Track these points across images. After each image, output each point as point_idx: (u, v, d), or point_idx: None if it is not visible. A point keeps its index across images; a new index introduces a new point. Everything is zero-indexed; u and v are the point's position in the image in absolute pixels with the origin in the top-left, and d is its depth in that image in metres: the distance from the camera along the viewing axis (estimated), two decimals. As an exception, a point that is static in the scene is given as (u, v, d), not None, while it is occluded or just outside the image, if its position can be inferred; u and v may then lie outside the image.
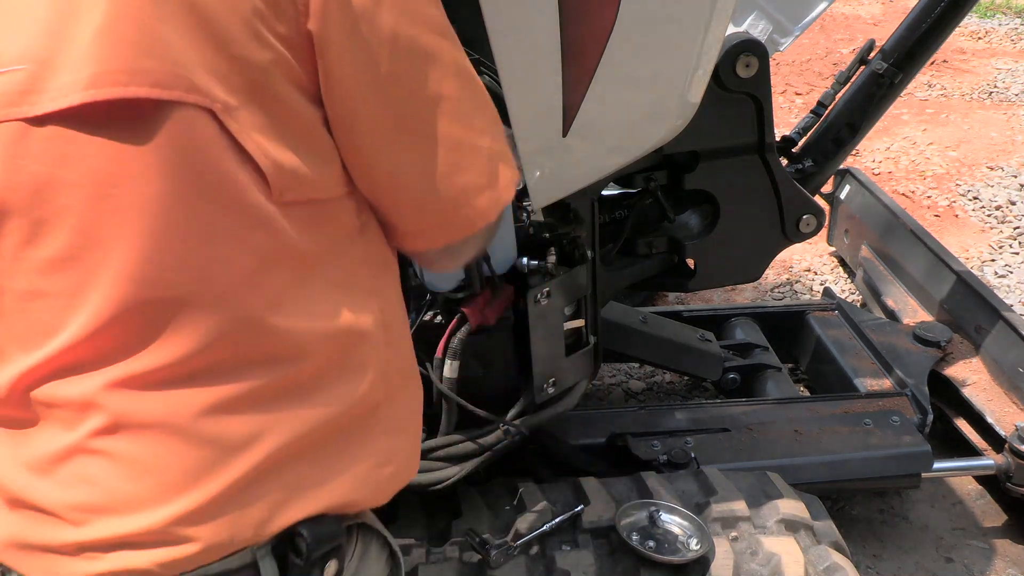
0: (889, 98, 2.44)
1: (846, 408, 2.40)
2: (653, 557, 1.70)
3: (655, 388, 3.04)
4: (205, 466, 0.85)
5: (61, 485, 0.85)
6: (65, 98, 0.76)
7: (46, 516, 0.86)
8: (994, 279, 3.67)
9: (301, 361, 0.89)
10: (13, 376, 0.85)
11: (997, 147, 4.96)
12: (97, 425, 0.83)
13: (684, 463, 2.12)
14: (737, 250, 2.14)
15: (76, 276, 0.81)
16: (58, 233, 0.80)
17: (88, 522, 0.85)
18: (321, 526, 0.93)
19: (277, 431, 0.88)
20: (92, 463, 0.84)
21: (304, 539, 0.91)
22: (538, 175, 1.44)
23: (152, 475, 0.84)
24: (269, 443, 0.88)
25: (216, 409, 0.85)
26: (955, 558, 2.43)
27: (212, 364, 0.85)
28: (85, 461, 0.84)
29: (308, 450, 0.91)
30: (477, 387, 1.77)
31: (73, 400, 0.84)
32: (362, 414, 0.95)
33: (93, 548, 0.85)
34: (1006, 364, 2.55)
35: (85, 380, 0.83)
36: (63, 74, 0.77)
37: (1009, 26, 7.09)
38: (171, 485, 0.85)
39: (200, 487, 0.85)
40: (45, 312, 0.83)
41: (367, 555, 1.04)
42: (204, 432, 0.85)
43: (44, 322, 0.83)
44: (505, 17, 1.27)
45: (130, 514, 0.84)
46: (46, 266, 0.81)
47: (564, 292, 1.77)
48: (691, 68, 1.49)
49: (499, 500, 1.88)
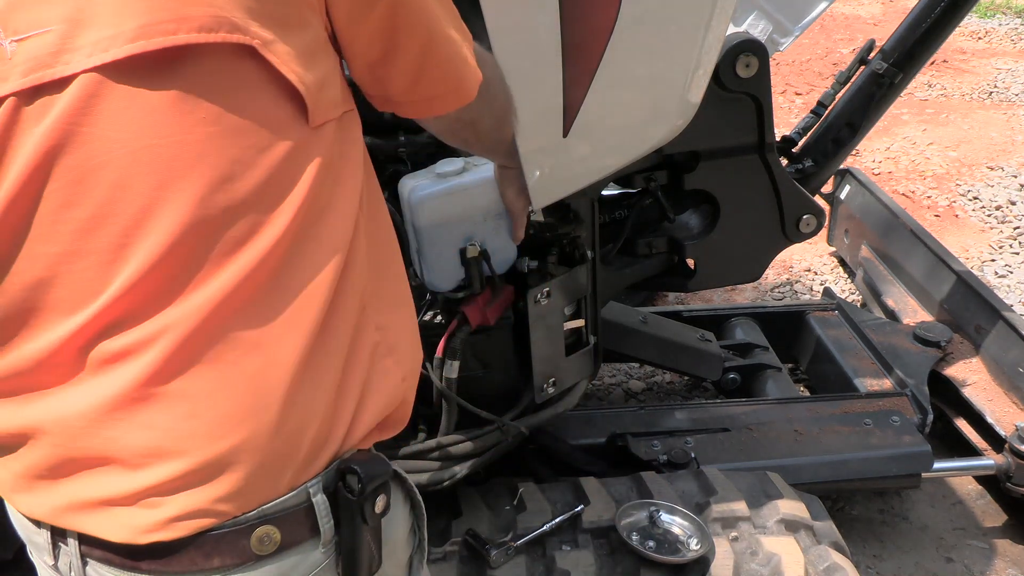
0: (889, 98, 2.44)
1: (846, 408, 2.41)
2: (653, 557, 1.70)
3: (655, 388, 3.04)
4: (258, 396, 0.88)
5: (123, 431, 0.86)
6: (105, 53, 0.77)
7: (107, 466, 0.88)
8: (994, 279, 3.67)
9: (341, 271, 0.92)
10: (62, 337, 0.86)
11: (997, 147, 4.96)
12: (152, 369, 0.85)
13: (684, 463, 2.12)
14: (737, 250, 2.14)
15: (116, 231, 0.82)
16: (97, 190, 0.81)
17: (149, 465, 0.86)
18: (371, 463, 0.97)
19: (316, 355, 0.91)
20: (150, 407, 0.86)
21: (357, 474, 0.94)
22: (538, 175, 1.44)
23: (207, 411, 0.87)
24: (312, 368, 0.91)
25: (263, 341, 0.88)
26: (955, 558, 2.43)
27: (254, 294, 0.87)
28: (144, 406, 0.86)
29: (341, 368, 0.94)
30: (477, 387, 1.77)
31: (126, 349, 0.85)
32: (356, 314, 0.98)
33: (155, 493, 0.87)
34: (1006, 364, 2.55)
35: (136, 330, 0.85)
36: (97, 30, 0.77)
37: (1009, 26, 7.09)
38: (224, 418, 0.87)
39: (255, 417, 0.88)
40: (88, 270, 0.84)
41: (395, 502, 1.07)
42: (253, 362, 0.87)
43: (88, 280, 0.84)
44: (505, 17, 1.27)
45: (187, 453, 0.86)
46: (85, 225, 0.82)
47: (564, 292, 1.77)
48: (691, 68, 1.49)
49: (499, 500, 1.88)
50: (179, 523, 0.88)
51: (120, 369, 0.85)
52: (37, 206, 0.82)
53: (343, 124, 0.94)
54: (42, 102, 0.79)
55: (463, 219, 1.61)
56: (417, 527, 1.14)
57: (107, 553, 0.91)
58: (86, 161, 0.80)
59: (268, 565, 0.93)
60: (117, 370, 0.86)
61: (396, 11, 0.92)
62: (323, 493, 0.95)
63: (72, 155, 0.80)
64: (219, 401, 0.87)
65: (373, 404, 0.99)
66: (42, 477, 0.91)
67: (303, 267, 0.90)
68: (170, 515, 0.88)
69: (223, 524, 0.90)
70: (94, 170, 0.80)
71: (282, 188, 0.87)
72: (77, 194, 0.81)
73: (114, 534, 0.89)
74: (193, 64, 0.80)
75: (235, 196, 0.84)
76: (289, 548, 0.94)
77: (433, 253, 1.63)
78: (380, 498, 0.98)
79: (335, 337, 0.94)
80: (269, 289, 0.88)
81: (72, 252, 0.83)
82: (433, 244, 1.62)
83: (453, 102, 1.04)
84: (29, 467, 0.92)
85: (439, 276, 1.66)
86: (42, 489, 0.92)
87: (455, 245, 1.63)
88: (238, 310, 0.87)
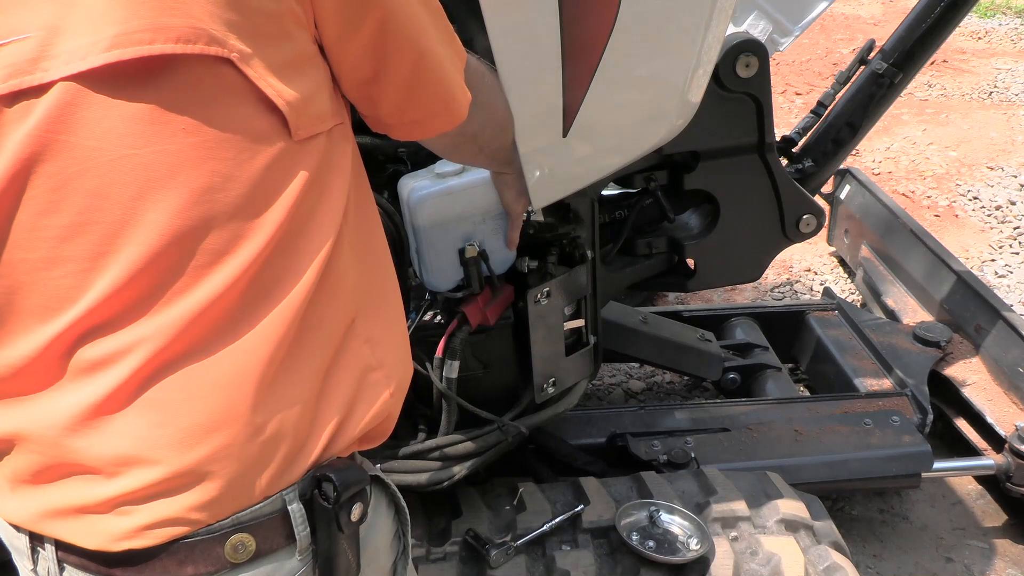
0: (889, 98, 2.44)
1: (846, 408, 2.41)
2: (653, 557, 1.70)
3: (655, 388, 3.04)
4: (229, 405, 0.88)
5: (98, 439, 0.86)
6: (82, 61, 0.77)
7: (83, 474, 0.88)
8: (994, 279, 3.67)
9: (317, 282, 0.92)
10: (41, 344, 0.86)
11: (997, 147, 4.96)
12: (128, 378, 0.85)
13: (684, 463, 2.12)
14: (737, 250, 2.14)
15: (95, 239, 0.82)
16: (76, 198, 0.81)
17: (123, 473, 0.86)
18: (348, 471, 0.96)
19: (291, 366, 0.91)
20: (125, 415, 0.86)
21: (332, 482, 0.94)
22: (538, 175, 1.44)
23: (180, 419, 0.87)
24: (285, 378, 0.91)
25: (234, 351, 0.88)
26: (955, 558, 2.43)
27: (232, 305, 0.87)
28: (119, 414, 0.86)
29: (320, 380, 0.94)
30: (477, 387, 1.77)
31: (104, 358, 0.85)
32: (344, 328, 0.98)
33: (129, 501, 0.87)
34: (1006, 364, 2.55)
35: (113, 338, 0.85)
36: (75, 38, 0.77)
37: (1009, 26, 7.09)
38: (198, 427, 0.87)
39: (226, 426, 0.88)
40: (66, 278, 0.83)
41: (378, 508, 1.07)
42: (224, 372, 0.87)
43: (66, 287, 0.84)
44: (505, 17, 1.27)
45: (161, 461, 0.86)
46: (64, 233, 0.82)
47: (564, 292, 1.78)
48: (691, 68, 1.49)
49: (499, 500, 1.88)
50: (152, 531, 0.88)
51: (97, 377, 0.85)
52: (16, 212, 0.82)
53: (333, 137, 0.93)
54: (21, 108, 0.78)
55: (462, 219, 1.61)
56: (402, 533, 1.14)
57: (83, 559, 0.91)
58: (65, 168, 0.80)
59: (243, 573, 0.93)
60: (94, 378, 0.85)
61: (385, 28, 0.91)
62: (299, 501, 0.94)
63: (51, 162, 0.80)
64: (192, 410, 0.87)
65: (358, 417, 0.99)
66: (24, 482, 0.91)
67: (282, 279, 0.89)
68: (143, 523, 0.88)
69: (197, 532, 0.89)
70: (73, 178, 0.80)
71: (264, 200, 0.86)
72: (55, 201, 0.81)
73: (88, 541, 0.89)
74: (172, 74, 0.79)
75: (215, 207, 0.83)
76: (264, 556, 0.93)
77: (432, 253, 1.63)
78: (356, 506, 0.98)
79: (315, 347, 0.93)
80: (247, 300, 0.88)
81: (50, 259, 0.83)
82: (432, 244, 1.62)
83: (443, 124, 1.04)
84: (12, 473, 0.92)
85: (438, 276, 1.66)
86: (23, 495, 0.92)
87: (454, 245, 1.63)
88: (216, 320, 0.86)
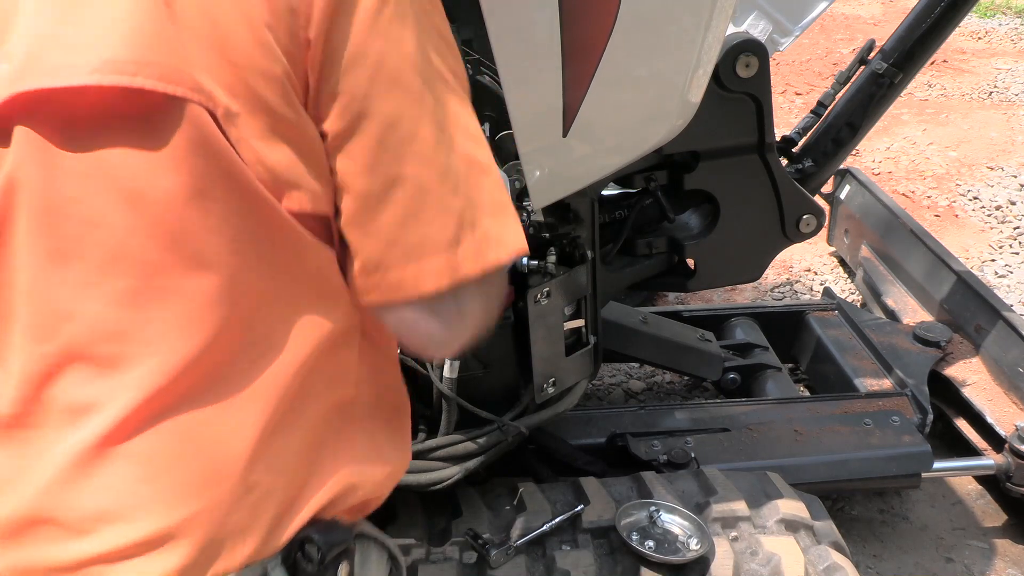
0: (889, 98, 2.44)
1: (846, 408, 2.40)
2: (653, 557, 1.70)
3: (655, 388, 3.04)
4: (215, 467, 0.84)
5: (74, 493, 0.82)
6: (67, 78, 0.76)
7: (54, 529, 0.83)
8: (994, 279, 3.67)
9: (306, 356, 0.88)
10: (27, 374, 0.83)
11: (997, 147, 4.95)
12: (110, 426, 0.81)
13: (684, 463, 2.12)
14: (737, 250, 2.14)
15: (84, 266, 0.80)
16: (66, 223, 0.80)
17: (96, 530, 0.82)
18: (332, 531, 0.93)
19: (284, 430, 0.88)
20: (104, 467, 0.82)
21: (316, 543, 0.90)
22: (538, 175, 1.44)
23: (163, 476, 0.83)
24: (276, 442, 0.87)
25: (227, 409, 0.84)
26: (955, 558, 2.43)
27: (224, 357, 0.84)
28: (97, 466, 0.82)
29: (311, 447, 0.91)
30: (477, 387, 1.77)
31: (89, 402, 0.82)
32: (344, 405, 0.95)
33: (101, 561, 0.82)
34: (1006, 364, 2.55)
35: (102, 380, 0.82)
36: (66, 54, 0.77)
37: (1009, 26, 7.08)
38: (181, 486, 0.83)
39: (212, 487, 0.84)
40: (58, 302, 0.82)
41: (367, 561, 1.04)
42: (212, 433, 0.84)
43: (56, 312, 0.82)
44: (505, 17, 1.27)
45: (139, 519, 0.82)
46: (53, 256, 0.81)
47: (564, 292, 1.77)
48: (691, 68, 1.49)
49: (499, 500, 1.88)
50: None
51: (79, 424, 0.82)
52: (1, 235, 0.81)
53: None
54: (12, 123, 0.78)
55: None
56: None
57: None
58: (56, 192, 0.78)
59: None
60: (76, 425, 0.82)
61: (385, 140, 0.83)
62: (281, 567, 0.90)
63: (39, 183, 0.78)
64: (177, 466, 0.83)
65: (352, 494, 0.96)
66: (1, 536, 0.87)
67: (278, 332, 0.86)
68: None
69: None
70: (65, 203, 0.79)
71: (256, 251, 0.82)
72: (46, 224, 0.79)
73: None
74: (165, 113, 0.77)
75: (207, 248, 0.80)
76: None
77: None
78: (343, 566, 0.94)
79: (308, 416, 0.90)
80: (240, 353, 0.84)
81: (38, 285, 0.81)
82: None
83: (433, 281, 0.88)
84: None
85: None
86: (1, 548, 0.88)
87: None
88: (208, 371, 0.83)
